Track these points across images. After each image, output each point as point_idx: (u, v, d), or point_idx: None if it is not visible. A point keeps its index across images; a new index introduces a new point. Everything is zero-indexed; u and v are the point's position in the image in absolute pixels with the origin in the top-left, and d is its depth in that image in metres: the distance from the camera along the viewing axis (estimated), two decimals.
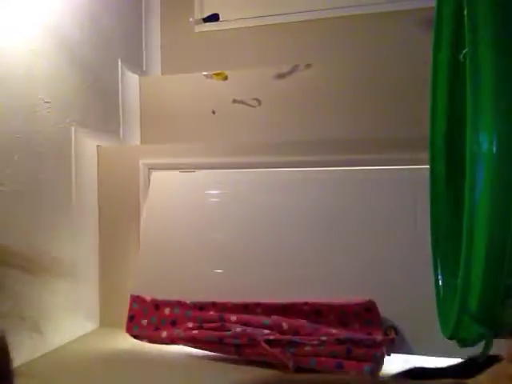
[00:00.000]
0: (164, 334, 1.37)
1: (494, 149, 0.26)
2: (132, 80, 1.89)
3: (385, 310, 1.26)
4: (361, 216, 1.38)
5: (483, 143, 0.26)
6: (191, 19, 1.99)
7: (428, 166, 0.50)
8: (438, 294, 0.44)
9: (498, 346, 0.37)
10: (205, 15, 1.99)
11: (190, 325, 1.36)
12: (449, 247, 0.44)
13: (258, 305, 1.34)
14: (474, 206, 0.27)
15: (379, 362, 1.15)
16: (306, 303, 1.30)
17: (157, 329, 1.41)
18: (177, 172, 1.61)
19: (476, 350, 0.34)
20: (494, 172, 0.26)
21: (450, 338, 0.33)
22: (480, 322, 0.29)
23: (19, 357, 1.29)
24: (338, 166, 1.46)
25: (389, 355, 1.17)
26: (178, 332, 1.35)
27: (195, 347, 1.32)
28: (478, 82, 0.28)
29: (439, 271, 0.46)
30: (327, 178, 1.46)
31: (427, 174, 0.52)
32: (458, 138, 0.29)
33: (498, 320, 0.30)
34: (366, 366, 1.13)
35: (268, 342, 1.23)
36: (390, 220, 1.34)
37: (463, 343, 0.33)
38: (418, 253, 0.50)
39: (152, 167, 1.65)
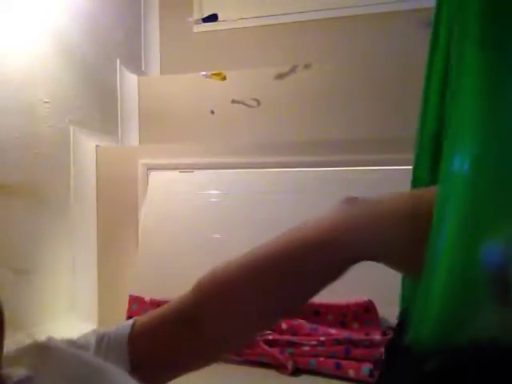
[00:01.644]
0: None
1: (466, 168, 0.26)
2: (131, 80, 1.89)
3: (384, 311, 1.26)
4: None
5: (456, 162, 0.26)
6: (190, 19, 1.99)
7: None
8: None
9: None
10: (204, 15, 1.99)
11: None
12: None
13: None
14: (440, 226, 0.27)
15: (378, 363, 1.15)
16: None
17: None
18: (176, 172, 1.61)
19: None
20: (464, 193, 0.26)
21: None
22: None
23: None
24: (338, 166, 1.46)
25: None
26: None
27: None
28: (460, 99, 0.28)
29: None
30: (327, 179, 1.46)
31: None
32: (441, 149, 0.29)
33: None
34: (365, 367, 1.13)
35: (267, 342, 1.23)
36: None
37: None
38: None
39: (151, 167, 1.65)
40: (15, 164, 1.29)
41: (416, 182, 0.47)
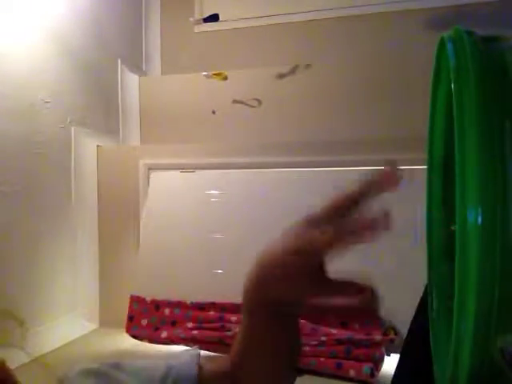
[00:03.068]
0: (164, 334, 1.37)
1: (480, 220, 0.28)
2: (132, 80, 1.89)
3: (384, 311, 1.26)
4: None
5: (470, 214, 0.28)
6: (191, 19, 1.99)
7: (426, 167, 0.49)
8: (432, 322, 0.44)
9: None
10: (205, 15, 1.99)
11: (190, 325, 1.36)
12: (443, 269, 0.44)
13: None
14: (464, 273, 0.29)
15: (379, 362, 1.15)
16: None
17: (157, 329, 1.41)
18: (176, 172, 1.61)
19: None
20: (481, 242, 0.28)
21: None
22: None
23: (19, 358, 1.28)
24: (338, 166, 1.46)
25: (388, 355, 1.17)
26: (177, 332, 1.35)
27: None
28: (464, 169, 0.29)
29: (434, 294, 0.46)
30: (327, 179, 1.46)
31: (425, 175, 0.52)
32: (453, 162, 0.30)
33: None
34: (366, 366, 1.13)
35: None
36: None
37: None
38: (419, 252, 0.50)
39: (152, 167, 1.65)
40: (16, 164, 1.29)
41: (430, 198, 0.48)
